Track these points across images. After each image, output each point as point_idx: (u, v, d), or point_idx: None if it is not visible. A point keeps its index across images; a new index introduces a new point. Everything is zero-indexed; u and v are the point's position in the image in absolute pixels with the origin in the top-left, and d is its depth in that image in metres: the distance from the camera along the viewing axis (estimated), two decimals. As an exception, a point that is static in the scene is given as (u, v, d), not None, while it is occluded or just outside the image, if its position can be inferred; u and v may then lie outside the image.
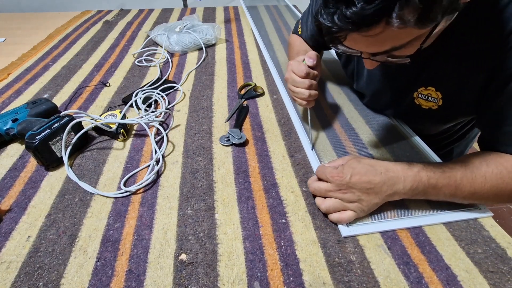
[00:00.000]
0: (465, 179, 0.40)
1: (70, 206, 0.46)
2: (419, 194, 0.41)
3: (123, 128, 0.59)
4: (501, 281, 0.36)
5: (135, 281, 0.37)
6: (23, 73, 0.85)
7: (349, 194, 0.41)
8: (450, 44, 0.44)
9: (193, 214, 0.45)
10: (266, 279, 0.36)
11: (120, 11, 1.37)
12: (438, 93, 0.50)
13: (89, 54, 0.96)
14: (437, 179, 0.40)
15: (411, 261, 0.38)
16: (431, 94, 0.51)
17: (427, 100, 0.52)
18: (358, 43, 0.35)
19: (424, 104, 0.53)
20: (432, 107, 0.52)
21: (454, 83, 0.47)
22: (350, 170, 0.41)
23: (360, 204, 0.41)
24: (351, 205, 0.41)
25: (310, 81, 0.54)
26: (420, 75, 0.51)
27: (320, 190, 0.43)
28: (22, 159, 0.55)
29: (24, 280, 0.37)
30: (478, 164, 0.41)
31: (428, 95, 0.51)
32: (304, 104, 0.55)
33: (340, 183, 0.41)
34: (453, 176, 0.40)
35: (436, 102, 0.51)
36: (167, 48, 0.95)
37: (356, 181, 0.40)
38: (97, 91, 0.76)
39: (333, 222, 0.42)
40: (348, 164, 0.42)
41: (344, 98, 0.70)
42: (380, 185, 0.40)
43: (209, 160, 0.54)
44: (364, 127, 0.61)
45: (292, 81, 0.55)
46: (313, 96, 0.54)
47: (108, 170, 0.52)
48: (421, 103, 0.53)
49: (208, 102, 0.70)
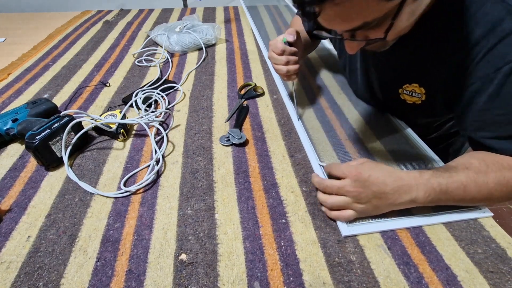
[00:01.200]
0: (470, 180, 0.40)
1: (70, 206, 0.46)
2: (433, 201, 0.40)
3: (123, 128, 0.59)
4: (501, 281, 0.36)
5: (135, 281, 0.37)
6: (23, 73, 0.85)
7: (363, 193, 0.40)
8: (432, 39, 0.46)
9: (193, 214, 0.45)
10: (266, 279, 0.36)
11: (120, 11, 1.37)
12: (421, 88, 0.52)
13: (89, 54, 0.96)
14: (446, 184, 0.40)
15: (411, 261, 0.38)
16: (415, 90, 0.53)
17: (411, 95, 0.54)
18: (331, 19, 0.37)
19: (408, 99, 0.55)
20: (416, 102, 0.54)
21: (436, 79, 0.49)
22: (369, 170, 0.41)
23: (366, 206, 0.40)
24: (357, 205, 0.41)
25: (287, 57, 0.58)
26: (404, 72, 0.53)
27: (332, 187, 0.42)
28: (22, 159, 0.55)
29: (24, 280, 0.37)
30: (478, 165, 0.41)
31: (412, 91, 0.53)
32: (285, 79, 0.62)
33: (357, 180, 0.40)
34: (459, 179, 0.40)
35: (420, 97, 0.53)
36: (167, 48, 0.95)
37: (373, 180, 0.40)
38: (97, 91, 0.76)
39: (331, 219, 0.43)
40: (367, 164, 0.43)
41: (344, 98, 0.70)
42: (393, 192, 0.40)
43: (209, 160, 0.54)
44: (365, 127, 0.61)
45: (272, 59, 0.61)
46: (292, 71, 0.59)
47: (108, 170, 0.52)
48: (405, 98, 0.55)
49: (208, 102, 0.70)
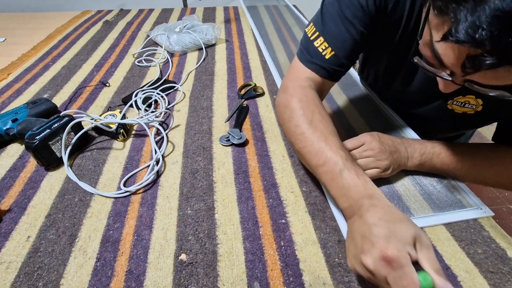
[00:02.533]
0: (466, 153, 0.45)
1: (70, 206, 0.46)
2: (426, 162, 0.46)
3: (123, 128, 0.58)
4: (501, 281, 0.36)
5: (135, 281, 0.37)
6: (23, 73, 0.85)
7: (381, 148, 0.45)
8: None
9: (193, 214, 0.45)
10: (266, 279, 0.36)
11: (120, 11, 1.37)
12: (478, 100, 0.49)
13: (89, 54, 0.96)
14: (440, 148, 0.46)
15: (411, 261, 0.38)
16: (470, 101, 0.49)
17: (463, 106, 0.50)
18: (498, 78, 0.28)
19: (458, 109, 0.51)
20: (468, 111, 0.51)
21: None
22: (376, 133, 0.47)
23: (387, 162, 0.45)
24: (381, 162, 0.45)
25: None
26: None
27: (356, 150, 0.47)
28: (22, 159, 0.55)
29: (23, 280, 0.37)
30: (482, 146, 0.46)
31: (465, 102, 0.50)
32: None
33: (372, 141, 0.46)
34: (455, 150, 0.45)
35: (474, 108, 0.50)
36: (167, 48, 0.95)
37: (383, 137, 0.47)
38: (97, 91, 0.76)
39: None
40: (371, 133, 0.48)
41: (344, 98, 0.70)
42: (400, 144, 0.47)
43: (209, 160, 0.54)
44: (365, 127, 0.61)
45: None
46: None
47: (108, 170, 0.52)
48: (454, 108, 0.52)
49: (208, 102, 0.70)
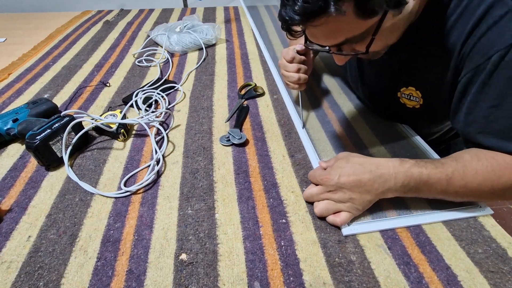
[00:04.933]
0: (456, 173, 0.39)
1: (71, 206, 0.46)
2: (411, 190, 0.40)
3: (124, 128, 0.59)
4: (502, 281, 0.36)
5: (135, 281, 0.37)
6: (24, 73, 0.85)
7: (339, 194, 0.41)
8: (424, 42, 0.46)
9: (194, 214, 0.45)
10: (266, 279, 0.36)
11: (120, 11, 1.37)
12: (418, 92, 0.51)
13: (90, 54, 0.96)
14: (428, 174, 0.39)
15: (411, 261, 0.38)
16: (412, 94, 0.53)
17: (410, 99, 0.54)
18: (316, 36, 0.40)
19: (408, 103, 0.55)
20: (415, 106, 0.53)
21: (431, 82, 0.49)
22: (338, 171, 0.41)
23: (352, 203, 0.40)
24: (343, 205, 0.41)
25: (298, 65, 0.59)
26: (400, 75, 0.53)
27: (312, 195, 0.44)
28: (23, 159, 0.55)
29: (24, 280, 0.37)
30: (469, 158, 0.40)
31: (410, 94, 0.53)
32: (296, 87, 0.61)
33: (329, 185, 0.41)
34: (444, 171, 0.39)
35: (418, 101, 0.52)
36: (167, 48, 0.95)
37: (344, 182, 0.40)
38: (97, 91, 0.76)
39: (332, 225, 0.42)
40: (336, 165, 0.43)
41: (344, 98, 0.70)
42: (371, 183, 0.40)
43: (209, 160, 0.54)
44: (365, 127, 0.61)
45: (283, 66, 0.62)
46: (303, 79, 0.59)
47: (109, 170, 0.52)
48: (405, 102, 0.55)
49: (208, 102, 0.70)
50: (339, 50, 0.44)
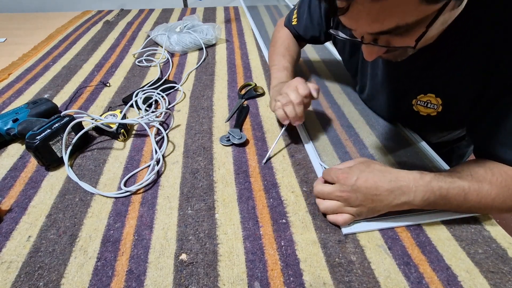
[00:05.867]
0: (472, 188, 0.39)
1: (71, 206, 0.46)
2: (430, 205, 0.39)
3: (124, 128, 0.59)
4: (502, 281, 0.36)
5: (135, 281, 0.37)
6: (24, 73, 0.85)
7: (352, 197, 0.39)
8: (453, 49, 0.43)
9: (194, 214, 0.45)
10: (266, 279, 0.36)
11: (121, 11, 1.37)
12: (438, 99, 0.49)
13: (90, 54, 0.96)
14: (447, 189, 0.38)
15: (411, 261, 0.38)
16: (431, 101, 0.50)
17: (426, 106, 0.51)
18: (360, 18, 0.34)
19: (422, 111, 0.52)
20: (431, 113, 0.51)
21: (454, 90, 0.46)
22: (357, 173, 0.40)
23: (360, 209, 0.40)
24: (351, 209, 0.40)
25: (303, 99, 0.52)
26: (420, 82, 0.50)
27: (323, 193, 0.42)
28: (23, 159, 0.55)
29: (24, 280, 0.37)
30: (483, 173, 0.40)
31: (427, 101, 0.50)
32: (296, 122, 0.53)
33: (345, 184, 0.40)
34: (461, 186, 0.39)
35: (436, 108, 0.50)
36: (167, 48, 0.95)
37: (361, 185, 0.39)
38: (97, 91, 0.76)
39: (331, 223, 0.42)
40: (357, 167, 0.41)
41: (344, 98, 0.70)
42: (387, 193, 0.38)
43: (209, 160, 0.54)
44: (365, 127, 0.61)
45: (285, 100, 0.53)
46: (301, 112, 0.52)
47: (109, 170, 0.52)
48: (419, 110, 0.52)
49: (208, 102, 0.70)
50: (374, 40, 0.37)
